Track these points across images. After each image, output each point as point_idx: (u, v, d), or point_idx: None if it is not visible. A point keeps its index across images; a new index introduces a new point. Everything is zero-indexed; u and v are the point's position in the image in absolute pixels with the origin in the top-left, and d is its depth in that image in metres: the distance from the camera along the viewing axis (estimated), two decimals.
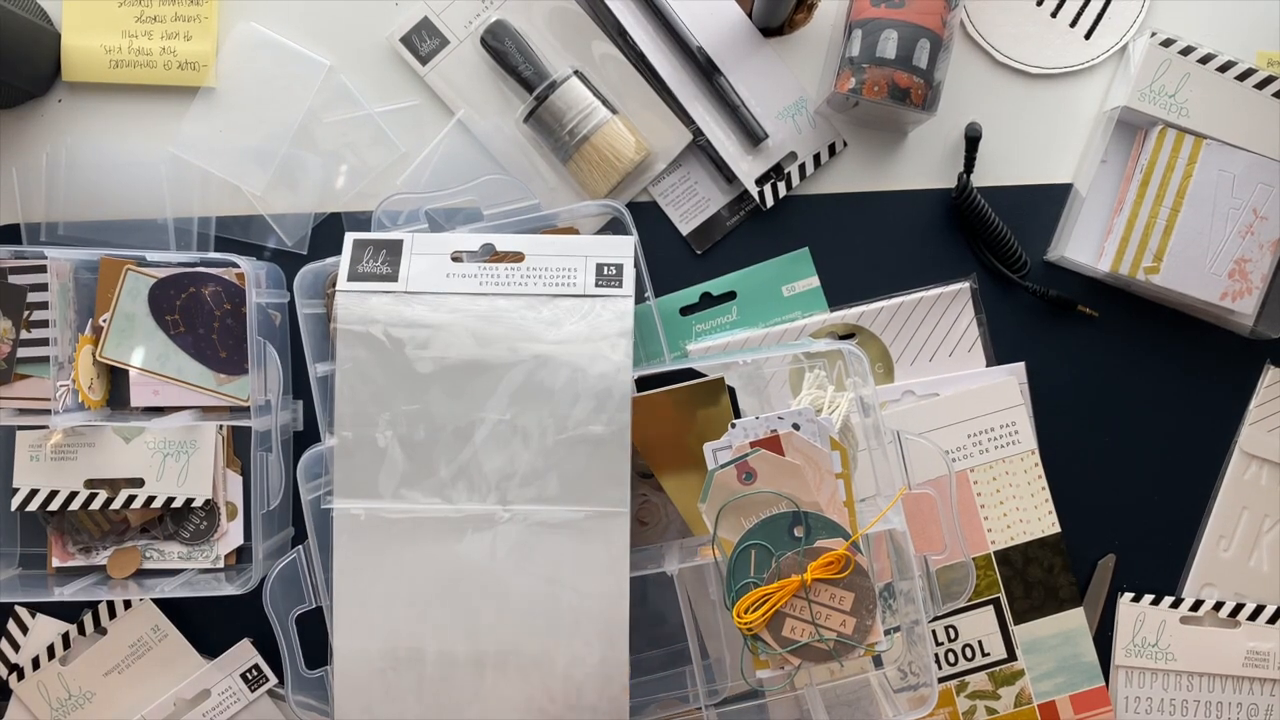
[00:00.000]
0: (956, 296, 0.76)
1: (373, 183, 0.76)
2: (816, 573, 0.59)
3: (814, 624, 0.60)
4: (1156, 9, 0.76)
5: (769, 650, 0.59)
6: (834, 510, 0.60)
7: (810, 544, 0.60)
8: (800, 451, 0.61)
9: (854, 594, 0.60)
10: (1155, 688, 0.76)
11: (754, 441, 0.61)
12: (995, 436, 0.74)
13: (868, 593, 0.60)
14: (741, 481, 0.60)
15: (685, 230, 0.77)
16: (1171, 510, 0.77)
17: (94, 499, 0.73)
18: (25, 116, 0.77)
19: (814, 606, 0.60)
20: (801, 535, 0.60)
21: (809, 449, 0.61)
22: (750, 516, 0.60)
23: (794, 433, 0.61)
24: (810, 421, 0.61)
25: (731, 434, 0.61)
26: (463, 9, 0.75)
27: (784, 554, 0.60)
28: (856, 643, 0.60)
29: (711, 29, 0.75)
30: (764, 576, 0.60)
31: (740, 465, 0.60)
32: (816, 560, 0.59)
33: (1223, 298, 0.73)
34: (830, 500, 0.60)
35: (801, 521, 0.60)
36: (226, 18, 0.76)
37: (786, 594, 0.59)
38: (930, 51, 0.68)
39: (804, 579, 0.59)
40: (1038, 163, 0.77)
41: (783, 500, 0.60)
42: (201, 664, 0.75)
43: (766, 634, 0.59)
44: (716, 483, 0.61)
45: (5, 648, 0.76)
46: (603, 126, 0.73)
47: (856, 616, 0.60)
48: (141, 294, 0.73)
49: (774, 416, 0.61)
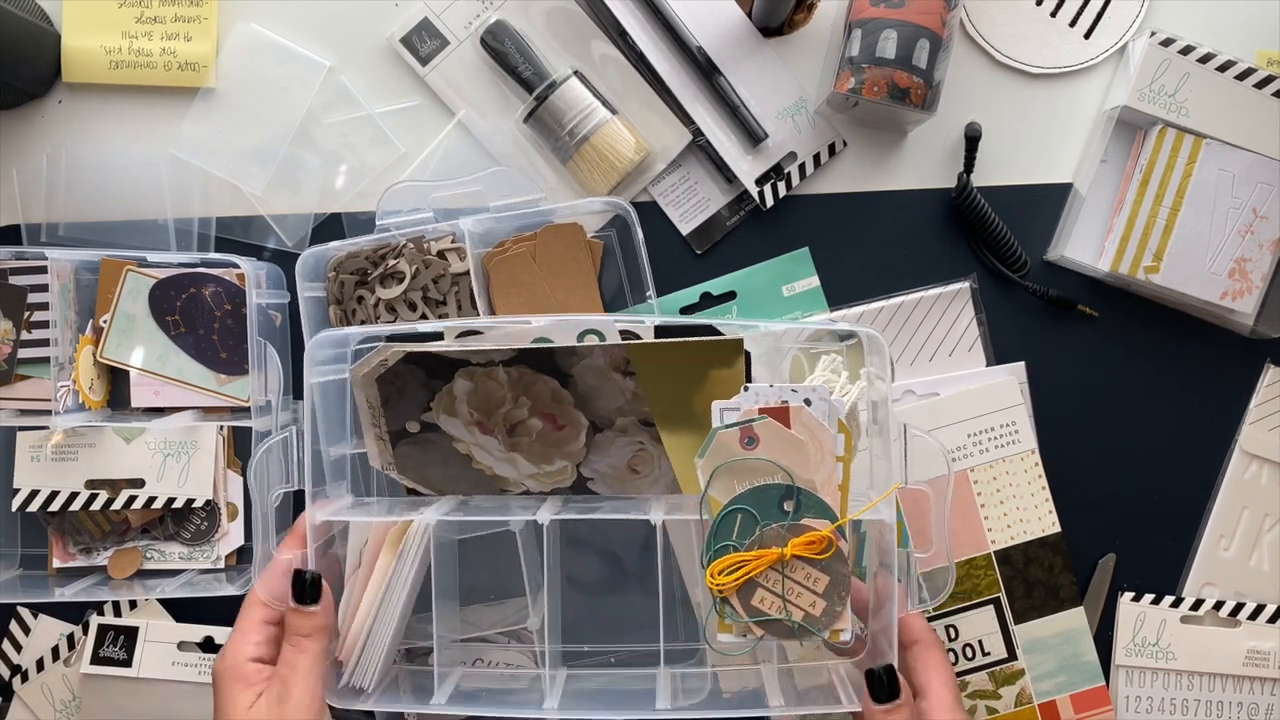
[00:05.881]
0: (956, 296, 0.76)
1: (373, 183, 0.76)
2: (797, 549, 0.59)
3: (784, 599, 0.59)
4: (1156, 8, 0.76)
5: (735, 616, 0.59)
6: (828, 491, 0.60)
7: (797, 520, 0.60)
8: (807, 427, 0.60)
9: (829, 578, 0.59)
10: (1156, 687, 0.76)
11: (763, 408, 0.60)
12: (995, 436, 0.74)
13: (843, 579, 0.60)
14: (743, 445, 0.60)
15: (685, 230, 0.77)
16: (1172, 510, 0.77)
17: (95, 499, 0.73)
18: (25, 117, 0.77)
19: (787, 582, 0.60)
20: (790, 510, 0.60)
21: (816, 426, 0.60)
22: (744, 481, 0.60)
23: (804, 408, 0.60)
24: (823, 400, 0.61)
25: (743, 396, 0.61)
26: (463, 9, 0.75)
27: (769, 525, 0.60)
28: (822, 626, 0.59)
29: (711, 29, 0.75)
30: (745, 543, 0.60)
31: (745, 429, 0.60)
32: (799, 536, 0.59)
33: (1223, 297, 0.73)
34: (826, 481, 0.60)
35: (793, 496, 0.60)
36: (226, 18, 0.76)
37: (763, 564, 0.59)
38: (930, 51, 0.68)
39: (783, 552, 0.59)
40: (1038, 162, 0.77)
41: (779, 471, 0.60)
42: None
43: (736, 600, 0.59)
44: (718, 441, 0.60)
45: (8, 649, 0.76)
46: (603, 126, 0.73)
47: (828, 600, 0.59)
48: (142, 294, 0.73)
49: (788, 388, 0.61)
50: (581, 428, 0.68)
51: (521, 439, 0.68)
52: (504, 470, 0.69)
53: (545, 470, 0.69)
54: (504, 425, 0.68)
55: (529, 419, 0.68)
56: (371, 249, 0.73)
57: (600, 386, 0.67)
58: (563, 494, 0.69)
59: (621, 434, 0.68)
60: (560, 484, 0.69)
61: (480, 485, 0.69)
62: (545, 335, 0.64)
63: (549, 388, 0.67)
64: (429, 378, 0.67)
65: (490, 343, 0.64)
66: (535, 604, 0.69)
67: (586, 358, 0.66)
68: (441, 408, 0.68)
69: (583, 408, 0.68)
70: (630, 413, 0.67)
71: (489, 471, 0.69)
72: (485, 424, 0.68)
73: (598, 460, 0.69)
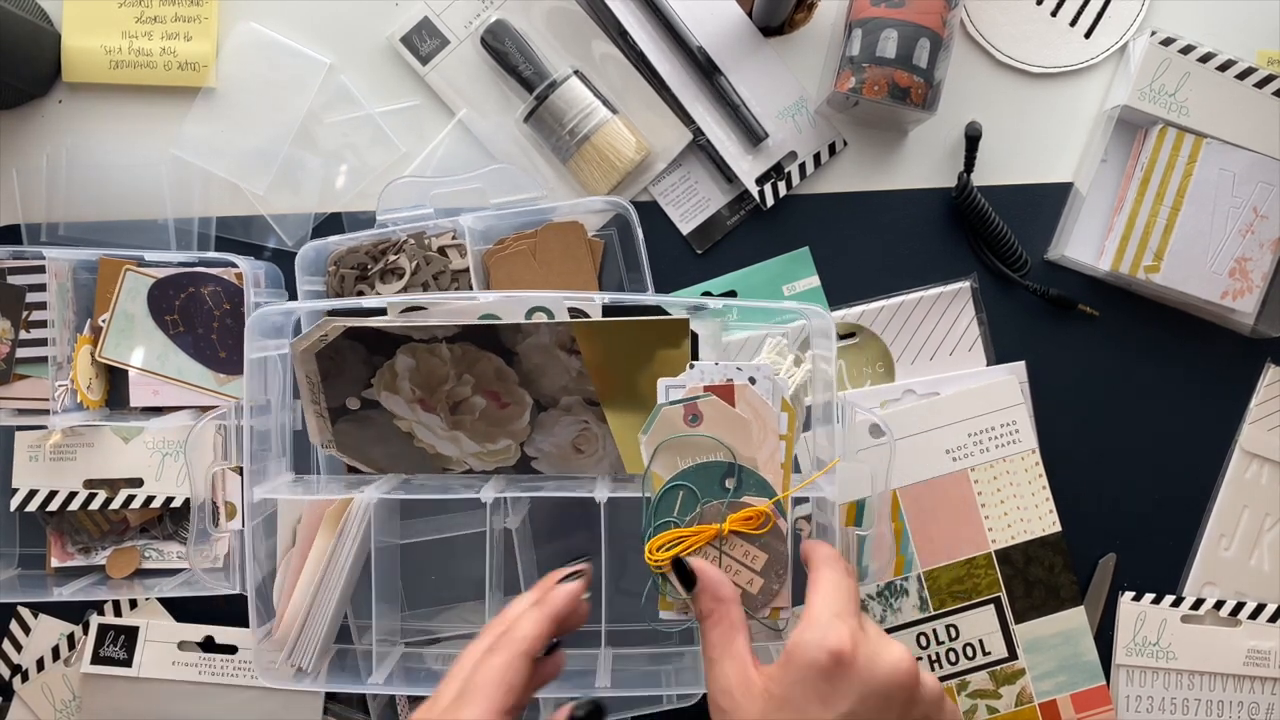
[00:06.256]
0: (957, 296, 0.76)
1: (373, 183, 0.76)
2: (735, 524, 0.59)
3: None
4: (1156, 8, 0.76)
5: (675, 593, 0.59)
6: (770, 470, 0.60)
7: (738, 497, 0.60)
8: (751, 405, 0.60)
9: (767, 555, 0.60)
10: (1156, 686, 0.76)
11: (708, 386, 0.61)
12: (996, 436, 0.74)
13: (781, 557, 0.60)
14: (687, 422, 0.60)
15: (685, 230, 0.77)
16: (1172, 509, 0.77)
17: (93, 499, 0.72)
18: (25, 117, 0.77)
19: (726, 559, 0.60)
20: (732, 488, 0.60)
21: (759, 405, 0.60)
22: (687, 458, 0.60)
23: (749, 386, 0.61)
24: (767, 379, 0.61)
25: (689, 374, 0.61)
26: (463, 9, 0.75)
27: (709, 501, 0.60)
28: (760, 605, 0.59)
29: (711, 29, 0.75)
30: (686, 519, 0.60)
31: (689, 406, 0.60)
32: (738, 513, 0.59)
33: (1223, 296, 0.73)
34: (769, 460, 0.60)
35: (734, 474, 0.60)
36: (226, 18, 0.76)
37: (702, 540, 0.59)
38: (930, 51, 0.68)
39: (721, 528, 0.59)
40: (1038, 162, 0.77)
41: (722, 449, 0.60)
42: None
43: (674, 576, 0.59)
44: (662, 418, 0.60)
45: (8, 648, 0.76)
46: (603, 126, 0.73)
47: (765, 579, 0.60)
48: (141, 294, 0.73)
49: (733, 366, 0.61)
50: (526, 406, 0.67)
51: (464, 417, 0.68)
52: (446, 449, 0.68)
53: (489, 449, 0.68)
54: (447, 403, 0.67)
55: (472, 397, 0.67)
56: (372, 244, 0.73)
57: (545, 365, 0.66)
58: (506, 473, 0.69)
59: (566, 413, 0.67)
60: (504, 463, 0.69)
61: (422, 464, 0.69)
62: (493, 312, 0.64)
63: (493, 365, 0.66)
64: (370, 353, 0.66)
65: (434, 319, 0.64)
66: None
67: (532, 335, 0.65)
68: (383, 384, 0.67)
69: (527, 386, 0.67)
70: (575, 391, 0.67)
71: (431, 450, 0.68)
72: (428, 401, 0.67)
73: (542, 439, 0.68)
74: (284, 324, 0.67)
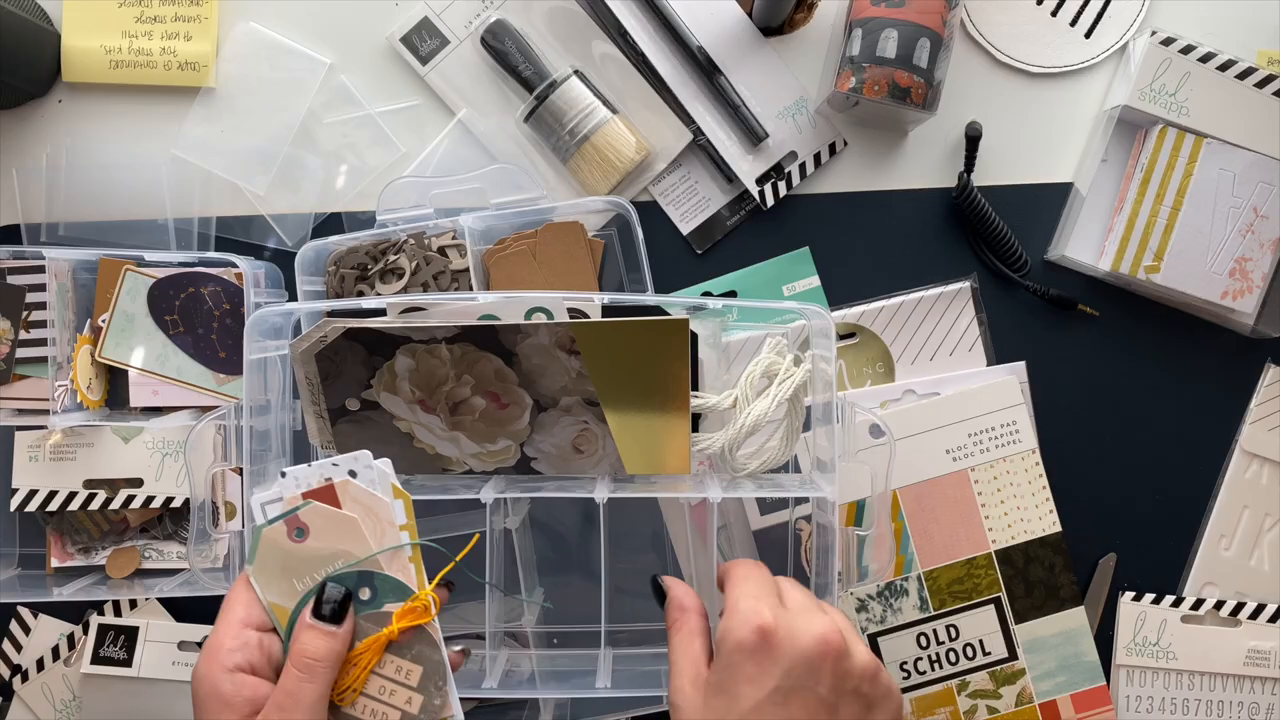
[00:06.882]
0: (957, 296, 0.76)
1: (373, 183, 0.76)
2: (403, 621, 0.54)
3: (381, 701, 0.54)
4: (1157, 8, 0.76)
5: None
6: (397, 567, 0.55)
7: (378, 608, 0.55)
8: (357, 501, 0.55)
9: (422, 667, 0.55)
10: (1156, 687, 0.76)
11: (306, 493, 0.55)
12: (996, 436, 0.74)
13: (438, 666, 0.55)
14: (292, 539, 0.55)
15: (685, 230, 0.77)
16: (1172, 509, 0.77)
17: (93, 499, 0.72)
18: (25, 117, 0.77)
19: (378, 680, 0.55)
20: (368, 597, 0.55)
21: (368, 498, 0.55)
22: (306, 578, 0.55)
23: (350, 480, 0.55)
24: (368, 468, 0.56)
25: (281, 484, 0.56)
26: (463, 9, 0.75)
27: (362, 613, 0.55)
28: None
29: (711, 29, 0.75)
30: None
31: (290, 520, 0.54)
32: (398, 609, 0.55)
33: (1223, 297, 0.73)
34: (394, 557, 0.55)
35: (365, 582, 0.55)
36: (226, 18, 0.76)
37: (375, 653, 0.54)
38: (930, 51, 0.68)
39: (392, 630, 0.54)
40: (1038, 162, 0.77)
41: (341, 557, 0.55)
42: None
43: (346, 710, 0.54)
44: (265, 541, 0.54)
45: (8, 648, 0.76)
46: (603, 126, 0.73)
47: (425, 694, 0.55)
48: (140, 294, 0.73)
49: (328, 463, 0.56)
50: (525, 407, 0.67)
51: (464, 418, 0.67)
52: (446, 449, 0.68)
53: (488, 449, 0.68)
54: (446, 404, 0.67)
55: (472, 397, 0.67)
56: (372, 244, 0.73)
57: (545, 365, 0.66)
58: (506, 474, 0.69)
59: (566, 413, 0.67)
60: (503, 463, 0.69)
61: (422, 464, 0.68)
62: (492, 312, 0.63)
63: (492, 366, 0.66)
64: (369, 354, 0.66)
65: (434, 319, 0.64)
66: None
67: (531, 336, 0.64)
68: (382, 385, 0.67)
69: (527, 386, 0.66)
70: (575, 392, 0.66)
71: (431, 450, 0.68)
72: (427, 402, 0.67)
73: (542, 439, 0.68)
74: (284, 324, 0.67)
